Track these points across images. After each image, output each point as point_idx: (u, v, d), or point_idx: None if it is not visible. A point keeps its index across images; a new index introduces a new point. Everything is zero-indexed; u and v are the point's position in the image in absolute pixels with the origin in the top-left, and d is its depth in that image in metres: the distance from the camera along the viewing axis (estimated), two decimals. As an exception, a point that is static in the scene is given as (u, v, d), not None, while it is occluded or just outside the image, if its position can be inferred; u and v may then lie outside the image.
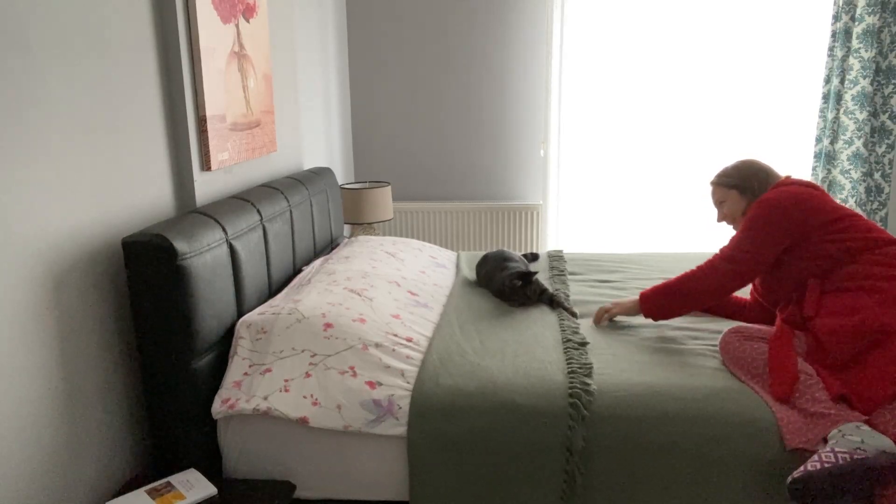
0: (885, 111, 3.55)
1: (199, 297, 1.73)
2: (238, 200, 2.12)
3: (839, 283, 1.82)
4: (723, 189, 2.10)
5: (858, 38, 3.48)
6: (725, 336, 1.91)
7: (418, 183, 4.23)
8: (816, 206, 1.88)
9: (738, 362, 1.82)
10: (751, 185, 2.04)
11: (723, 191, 2.10)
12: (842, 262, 1.83)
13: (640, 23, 3.83)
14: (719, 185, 2.11)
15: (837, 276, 1.83)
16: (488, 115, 4.10)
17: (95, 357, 1.66)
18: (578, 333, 2.11)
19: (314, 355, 1.85)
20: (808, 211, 1.87)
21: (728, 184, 2.08)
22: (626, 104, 3.95)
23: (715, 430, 1.67)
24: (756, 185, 2.04)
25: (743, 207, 2.06)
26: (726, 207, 2.10)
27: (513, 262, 2.57)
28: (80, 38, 1.57)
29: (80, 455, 1.60)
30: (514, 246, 4.16)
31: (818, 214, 1.87)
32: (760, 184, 2.03)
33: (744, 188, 2.05)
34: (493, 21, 3.96)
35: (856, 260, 1.82)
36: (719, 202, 2.13)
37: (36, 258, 1.45)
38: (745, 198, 2.05)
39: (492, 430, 1.71)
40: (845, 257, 1.83)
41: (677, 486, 1.67)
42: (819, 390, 1.67)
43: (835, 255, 1.83)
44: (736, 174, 2.07)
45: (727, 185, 2.09)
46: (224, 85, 2.15)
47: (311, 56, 3.35)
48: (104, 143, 1.66)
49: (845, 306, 1.76)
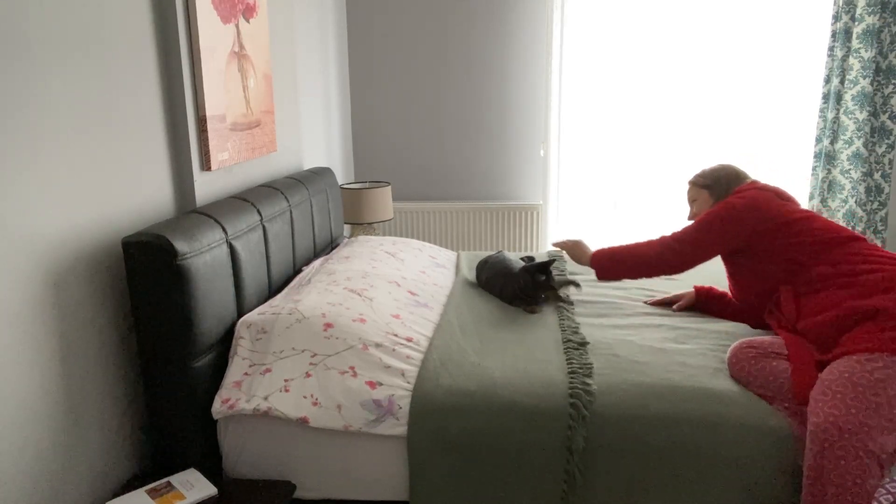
0: (885, 111, 3.55)
1: (199, 297, 1.73)
2: (238, 200, 2.12)
3: (811, 286, 1.87)
4: (696, 188, 2.23)
5: (858, 38, 3.48)
6: (737, 352, 1.86)
7: (418, 183, 4.23)
8: (771, 210, 1.98)
9: (756, 381, 1.79)
10: (720, 187, 2.17)
11: (696, 190, 2.23)
12: (804, 264, 1.90)
13: (640, 23, 3.83)
14: (694, 184, 2.25)
15: (807, 279, 1.89)
16: (488, 115, 4.10)
17: (95, 357, 1.66)
18: (578, 333, 2.11)
19: (314, 355, 1.85)
20: (762, 214, 1.97)
21: (701, 183, 2.22)
22: (626, 104, 3.95)
23: (715, 431, 1.67)
24: (725, 187, 2.17)
25: (710, 206, 2.18)
26: (696, 206, 2.24)
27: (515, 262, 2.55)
28: (80, 37, 1.57)
29: (80, 455, 1.60)
30: (515, 246, 4.16)
31: (773, 218, 1.96)
32: (729, 186, 2.16)
33: (713, 189, 2.18)
34: (493, 21, 3.96)
35: (820, 260, 1.88)
36: (692, 200, 2.26)
37: (36, 258, 1.45)
38: (713, 198, 2.18)
39: (492, 430, 1.71)
40: (805, 258, 1.90)
41: (677, 486, 1.67)
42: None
43: (796, 257, 1.92)
44: (710, 175, 2.21)
45: (700, 184, 2.22)
46: (224, 85, 2.15)
47: (311, 56, 3.35)
48: (104, 143, 1.66)
49: (822, 304, 1.81)
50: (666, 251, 2.09)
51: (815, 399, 1.61)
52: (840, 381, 1.60)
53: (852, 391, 1.57)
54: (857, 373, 1.59)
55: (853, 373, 1.60)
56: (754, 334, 2.10)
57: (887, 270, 1.78)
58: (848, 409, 1.54)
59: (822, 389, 1.62)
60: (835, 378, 1.61)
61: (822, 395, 1.60)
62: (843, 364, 1.64)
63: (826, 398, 1.59)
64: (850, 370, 1.61)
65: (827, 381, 1.62)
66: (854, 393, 1.56)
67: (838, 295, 1.79)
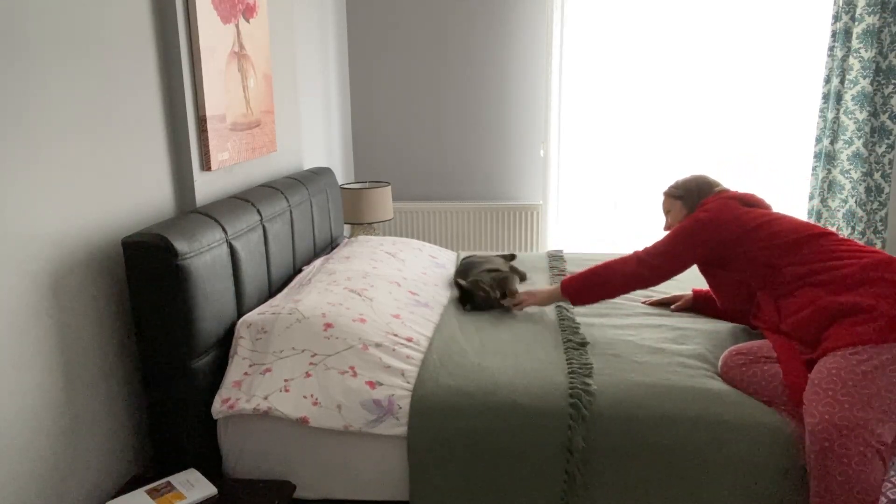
0: (885, 111, 3.55)
1: (199, 297, 1.73)
2: (238, 200, 2.12)
3: (785, 287, 1.89)
4: (670, 199, 2.26)
5: (858, 38, 3.48)
6: (727, 360, 1.88)
7: (418, 183, 4.23)
8: (734, 220, 2.00)
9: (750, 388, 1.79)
10: (692, 198, 2.20)
11: (670, 201, 2.26)
12: (776, 266, 1.91)
13: (641, 23, 3.83)
14: (668, 195, 2.27)
15: (781, 281, 1.90)
16: (488, 115, 4.10)
17: (95, 357, 1.65)
18: (579, 333, 2.11)
19: (314, 355, 1.85)
20: (724, 225, 2.00)
21: (674, 194, 2.24)
22: (626, 104, 3.95)
23: (715, 431, 1.67)
24: (696, 198, 2.19)
25: (683, 217, 2.21)
26: (671, 217, 2.26)
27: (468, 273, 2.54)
28: (80, 37, 1.57)
29: (80, 455, 1.60)
30: (515, 246, 4.16)
31: (739, 224, 1.99)
32: (701, 197, 2.19)
33: (685, 199, 2.21)
34: (493, 21, 3.96)
35: (790, 261, 1.89)
36: (666, 211, 2.28)
37: (36, 258, 1.45)
38: (686, 209, 2.21)
39: (492, 430, 1.71)
40: (773, 260, 1.91)
41: (677, 486, 1.67)
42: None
43: (765, 260, 1.93)
44: (683, 186, 2.24)
45: (674, 195, 2.24)
46: (224, 85, 2.15)
47: (311, 56, 3.35)
48: (104, 143, 1.66)
49: (800, 303, 1.83)
50: (639, 266, 2.10)
51: (808, 400, 1.63)
52: (829, 378, 1.61)
53: (842, 387, 1.58)
54: (844, 368, 1.61)
55: (840, 368, 1.61)
56: (754, 335, 2.10)
57: (856, 264, 1.80)
58: (841, 405, 1.56)
59: (812, 389, 1.63)
60: (823, 377, 1.63)
61: (814, 395, 1.62)
62: (829, 361, 1.65)
63: (818, 398, 1.60)
64: (836, 367, 1.62)
65: (816, 381, 1.64)
66: (844, 389, 1.57)
67: (813, 292, 1.81)
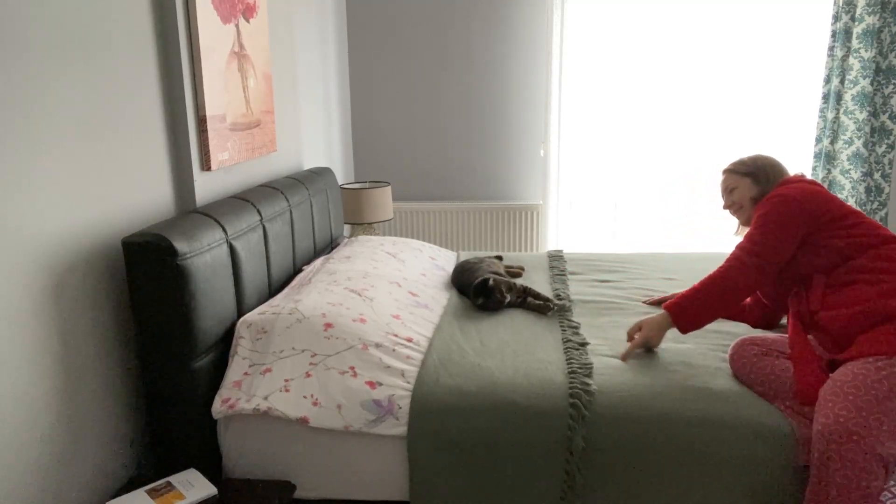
0: (885, 111, 3.55)
1: (199, 297, 1.73)
2: (238, 200, 2.12)
3: (842, 277, 1.83)
4: (736, 176, 2.12)
5: (858, 38, 3.48)
6: (739, 349, 1.85)
7: (418, 183, 4.23)
8: (826, 202, 1.91)
9: (757, 379, 1.79)
10: (764, 175, 2.07)
11: (736, 178, 2.12)
12: (848, 257, 1.85)
13: (641, 23, 3.83)
14: (733, 172, 2.13)
15: (841, 270, 1.84)
16: (488, 115, 4.10)
17: (95, 357, 1.65)
18: (579, 334, 2.12)
19: (314, 355, 1.85)
20: (820, 205, 1.90)
21: (742, 171, 2.11)
22: (627, 104, 3.95)
23: (715, 431, 1.67)
24: (769, 176, 2.07)
25: (753, 195, 2.08)
26: (737, 194, 2.11)
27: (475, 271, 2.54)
28: (80, 37, 1.57)
29: (80, 455, 1.60)
30: (515, 246, 4.16)
31: (828, 210, 1.90)
32: (773, 175, 2.07)
33: (757, 177, 2.08)
34: (493, 21, 3.96)
35: (861, 255, 1.83)
36: (730, 189, 2.14)
37: (36, 258, 1.45)
38: (757, 187, 2.07)
39: (492, 430, 1.71)
40: (852, 252, 1.84)
41: (677, 486, 1.67)
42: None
43: (842, 250, 1.85)
44: (751, 163, 2.11)
45: (742, 172, 2.11)
46: (224, 85, 2.15)
47: (311, 56, 3.35)
48: (104, 142, 1.66)
49: (848, 298, 1.78)
50: (748, 271, 1.89)
51: (825, 399, 1.60)
52: (853, 382, 1.58)
53: (864, 394, 1.55)
54: (871, 376, 1.58)
55: (867, 375, 1.58)
56: (755, 335, 2.10)
57: None
58: (858, 411, 1.53)
59: (833, 390, 1.60)
60: (848, 380, 1.60)
61: (833, 395, 1.59)
62: (857, 366, 1.62)
63: (837, 399, 1.57)
64: (863, 372, 1.59)
65: (839, 382, 1.60)
66: (866, 396, 1.55)
67: (865, 291, 1.76)
